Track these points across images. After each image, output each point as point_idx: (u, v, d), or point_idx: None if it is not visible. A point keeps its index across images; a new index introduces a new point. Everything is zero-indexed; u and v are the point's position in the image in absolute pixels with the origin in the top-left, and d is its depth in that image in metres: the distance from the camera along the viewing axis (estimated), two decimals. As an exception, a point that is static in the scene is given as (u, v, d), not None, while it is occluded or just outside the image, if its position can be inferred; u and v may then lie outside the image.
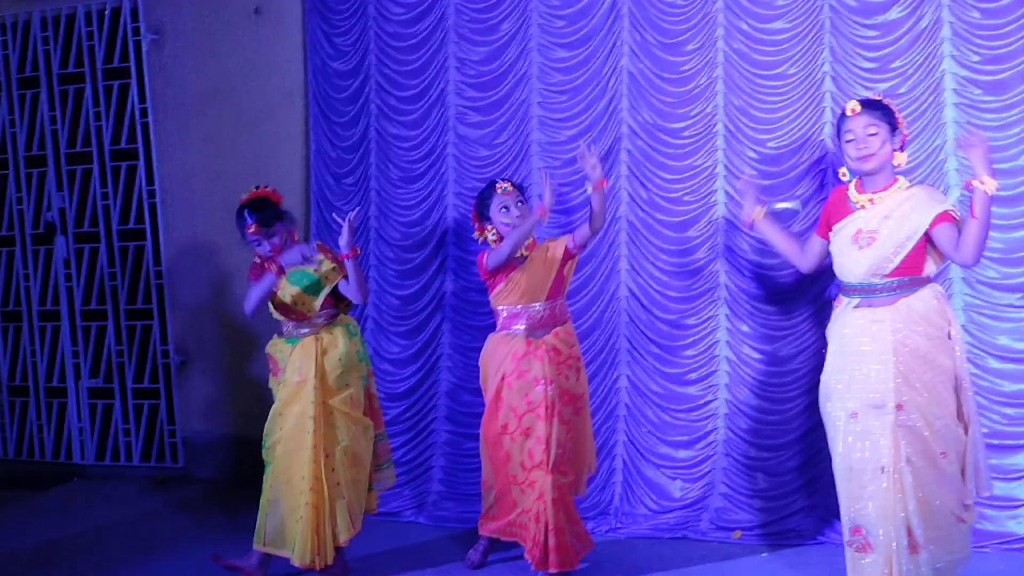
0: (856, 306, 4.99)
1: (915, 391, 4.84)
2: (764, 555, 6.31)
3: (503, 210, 6.08)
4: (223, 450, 8.41)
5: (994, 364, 6.19)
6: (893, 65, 6.35)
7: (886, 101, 5.19)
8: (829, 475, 6.30)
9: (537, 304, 6.06)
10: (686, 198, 6.87)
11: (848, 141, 5.07)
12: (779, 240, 5.59)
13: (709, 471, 6.83)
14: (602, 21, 7.06)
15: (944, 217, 4.90)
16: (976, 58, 6.18)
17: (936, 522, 4.82)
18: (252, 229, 6.11)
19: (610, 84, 7.05)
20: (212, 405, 8.52)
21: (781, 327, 6.64)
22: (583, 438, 6.26)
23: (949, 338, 4.97)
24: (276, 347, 6.24)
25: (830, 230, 5.20)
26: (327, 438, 6.03)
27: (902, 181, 5.06)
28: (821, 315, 6.49)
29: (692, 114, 6.85)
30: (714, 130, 6.80)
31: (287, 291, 6.15)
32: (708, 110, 6.81)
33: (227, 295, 8.39)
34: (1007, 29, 6.13)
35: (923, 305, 4.93)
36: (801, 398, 6.56)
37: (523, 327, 6.05)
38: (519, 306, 6.06)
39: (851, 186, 5.15)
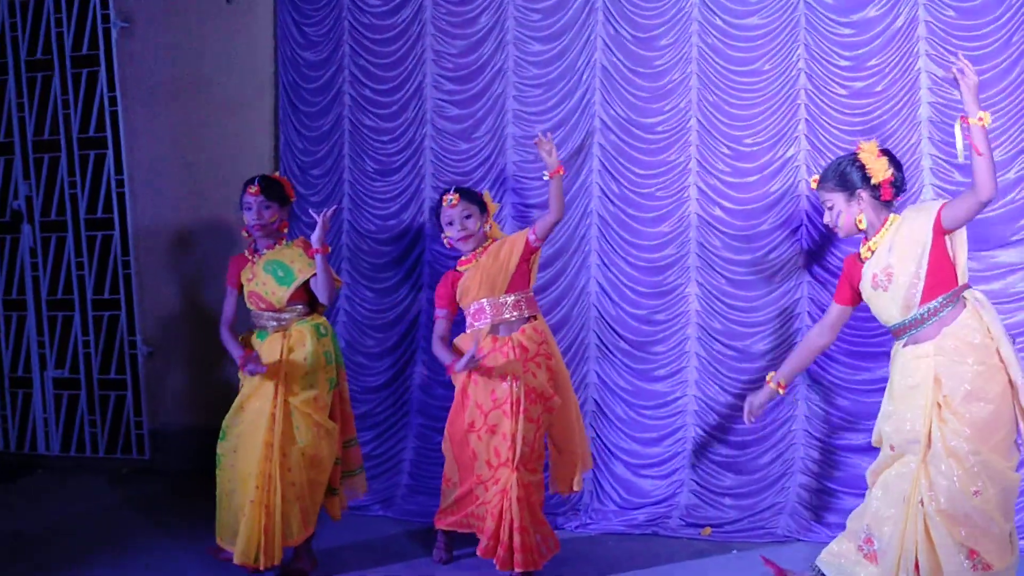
0: (904, 345, 4.86)
1: (951, 429, 4.65)
2: (734, 552, 6.30)
3: (448, 225, 6.02)
4: (190, 442, 8.33)
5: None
6: (869, 63, 6.37)
7: (858, 147, 5.00)
8: (798, 472, 6.37)
9: (498, 297, 5.97)
10: (658, 193, 6.87)
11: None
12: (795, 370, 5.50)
13: (679, 468, 6.84)
14: (577, 14, 7.06)
15: (942, 207, 4.77)
16: (952, 57, 6.18)
17: (944, 567, 4.63)
18: (253, 189, 6.05)
19: (584, 78, 7.05)
20: (179, 397, 8.46)
21: (752, 324, 6.65)
22: (570, 434, 6.21)
23: (1000, 358, 4.73)
24: (248, 341, 6.16)
25: (851, 294, 5.11)
26: (284, 437, 5.91)
27: (893, 216, 4.92)
28: (791, 313, 6.55)
29: (666, 109, 6.85)
30: (688, 126, 6.80)
31: (259, 278, 6.06)
32: (682, 105, 6.81)
33: (196, 286, 8.34)
34: (985, 31, 6.15)
35: (967, 330, 4.72)
36: (771, 395, 6.57)
37: (487, 322, 5.97)
38: (480, 301, 5.97)
39: (860, 246, 5.04)
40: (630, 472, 6.93)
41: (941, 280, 4.77)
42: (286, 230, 6.23)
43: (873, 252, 4.92)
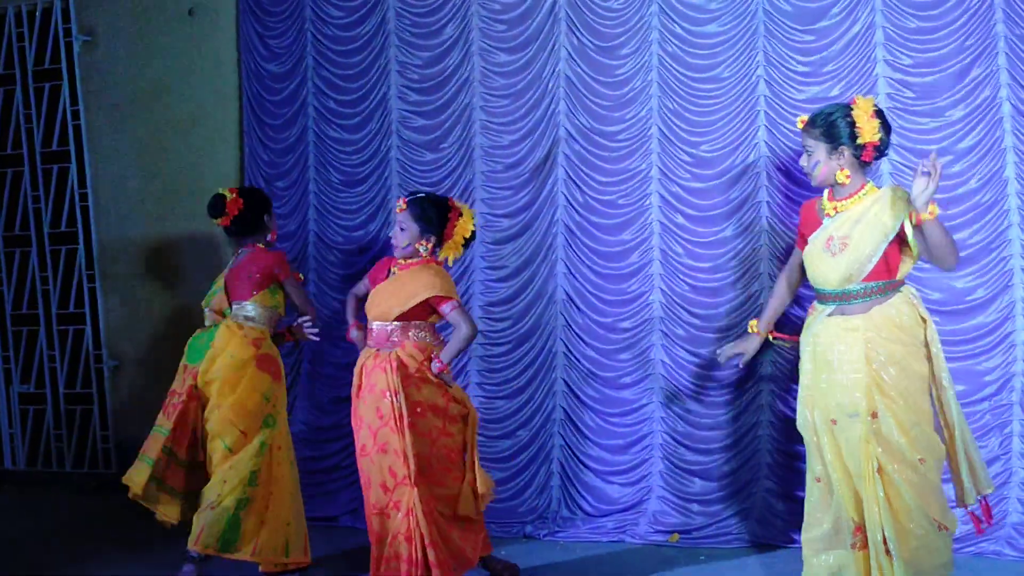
0: (830, 314, 4.93)
1: (890, 399, 4.79)
2: (702, 558, 6.31)
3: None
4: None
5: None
6: (826, 69, 6.41)
7: (854, 101, 4.98)
8: (765, 478, 6.39)
9: (385, 324, 5.75)
10: (621, 201, 6.89)
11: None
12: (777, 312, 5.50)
13: (646, 475, 6.85)
14: (541, 24, 7.09)
15: (921, 223, 4.72)
16: (908, 62, 6.25)
17: (914, 531, 4.74)
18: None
19: (549, 87, 7.07)
20: (146, 410, 8.33)
21: (716, 330, 6.66)
22: (453, 455, 5.81)
23: (925, 344, 4.91)
24: (273, 349, 6.23)
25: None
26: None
27: (870, 186, 4.95)
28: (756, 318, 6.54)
29: (627, 118, 6.88)
30: (649, 133, 6.82)
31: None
32: (643, 114, 6.84)
33: (161, 298, 8.33)
34: (939, 34, 6.21)
35: (896, 312, 4.87)
36: (737, 401, 6.59)
37: (373, 343, 5.78)
38: (373, 322, 5.79)
39: (823, 195, 5.05)
40: (599, 480, 6.94)
41: (888, 269, 4.88)
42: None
43: (837, 212, 4.94)
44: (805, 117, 5.01)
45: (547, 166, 7.08)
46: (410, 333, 5.70)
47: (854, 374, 4.81)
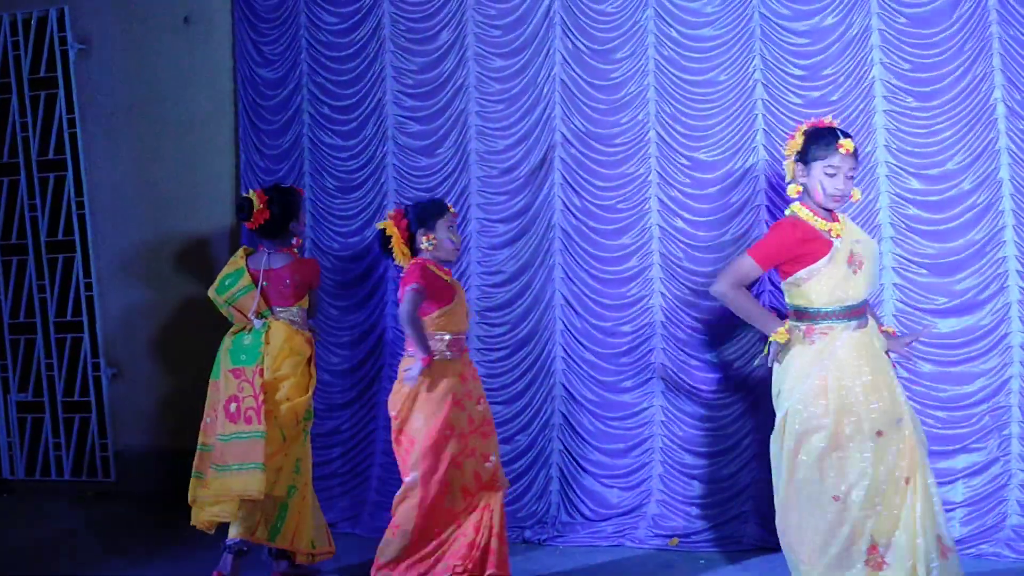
0: (855, 328, 4.91)
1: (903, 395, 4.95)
2: (702, 562, 6.32)
3: (449, 228, 5.82)
4: (155, 463, 8.32)
5: (926, 368, 6.25)
6: (824, 72, 6.42)
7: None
8: (764, 481, 6.38)
9: (463, 334, 5.88)
10: (619, 206, 6.89)
11: (831, 176, 4.89)
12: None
13: (646, 478, 6.85)
14: (536, 29, 7.09)
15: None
16: (907, 66, 6.26)
17: (949, 532, 4.87)
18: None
19: (544, 92, 7.07)
20: (144, 417, 8.43)
21: (717, 334, 6.66)
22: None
23: None
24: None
25: (788, 264, 5.01)
26: None
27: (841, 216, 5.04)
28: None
29: (623, 122, 6.88)
30: (646, 138, 6.82)
31: None
32: (640, 118, 6.84)
33: (159, 306, 8.32)
34: (937, 38, 6.22)
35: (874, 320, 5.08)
36: (737, 404, 6.61)
37: (457, 353, 5.81)
38: (457, 334, 5.80)
39: (809, 215, 4.96)
40: (598, 484, 6.94)
41: None
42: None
43: (842, 233, 4.93)
44: (851, 144, 4.90)
45: (543, 171, 7.08)
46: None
47: (894, 381, 4.91)
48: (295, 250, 6.30)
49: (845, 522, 4.79)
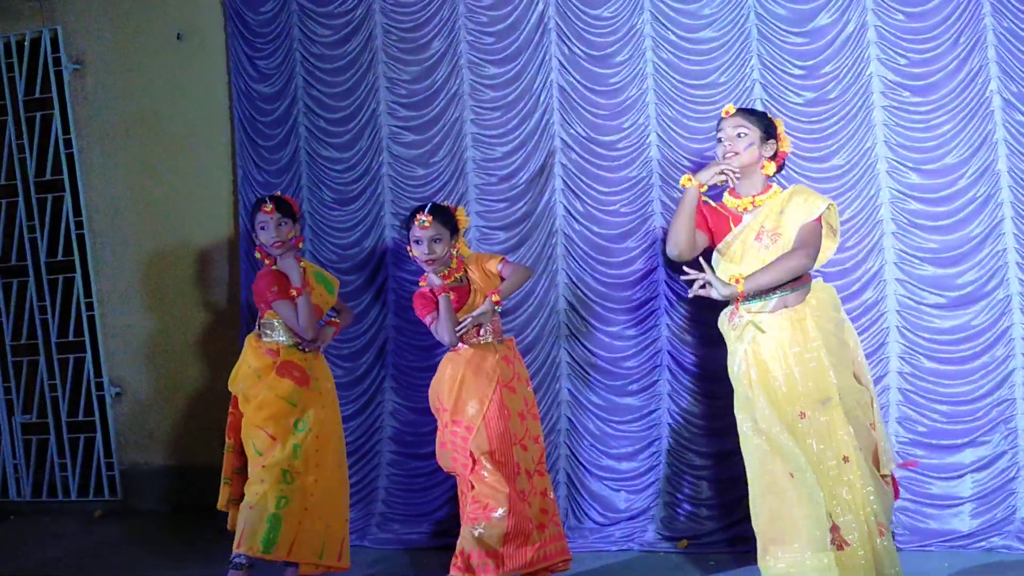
0: (772, 309, 5.01)
1: (842, 375, 4.96)
2: (712, 563, 6.32)
3: (415, 243, 5.83)
4: (162, 480, 8.32)
5: (928, 364, 6.28)
6: (823, 71, 6.42)
7: (770, 116, 5.30)
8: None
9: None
10: (623, 209, 6.90)
11: (718, 142, 5.16)
12: (690, 216, 5.16)
13: (654, 481, 6.85)
14: (530, 36, 7.08)
15: (819, 218, 5.05)
16: (904, 61, 6.27)
17: (882, 494, 4.92)
18: (268, 208, 6.08)
19: (542, 98, 7.07)
20: (149, 435, 8.42)
21: (721, 333, 6.62)
22: None
23: (844, 322, 5.21)
24: (296, 355, 6.19)
25: (713, 238, 5.23)
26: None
27: (776, 187, 5.17)
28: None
29: (625, 126, 6.88)
30: (648, 141, 6.82)
31: (316, 289, 6.26)
32: (640, 121, 6.84)
33: (161, 323, 8.31)
34: (933, 33, 6.23)
35: (826, 294, 5.14)
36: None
37: (497, 337, 5.91)
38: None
39: (725, 197, 5.23)
40: (606, 488, 6.94)
41: None
42: (301, 245, 6.35)
43: (756, 207, 5.12)
44: (732, 106, 5.21)
45: (543, 177, 7.09)
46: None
47: (816, 361, 4.93)
48: (267, 260, 6.25)
49: (791, 506, 4.90)
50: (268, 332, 6.15)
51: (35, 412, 8.76)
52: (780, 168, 5.27)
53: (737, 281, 4.92)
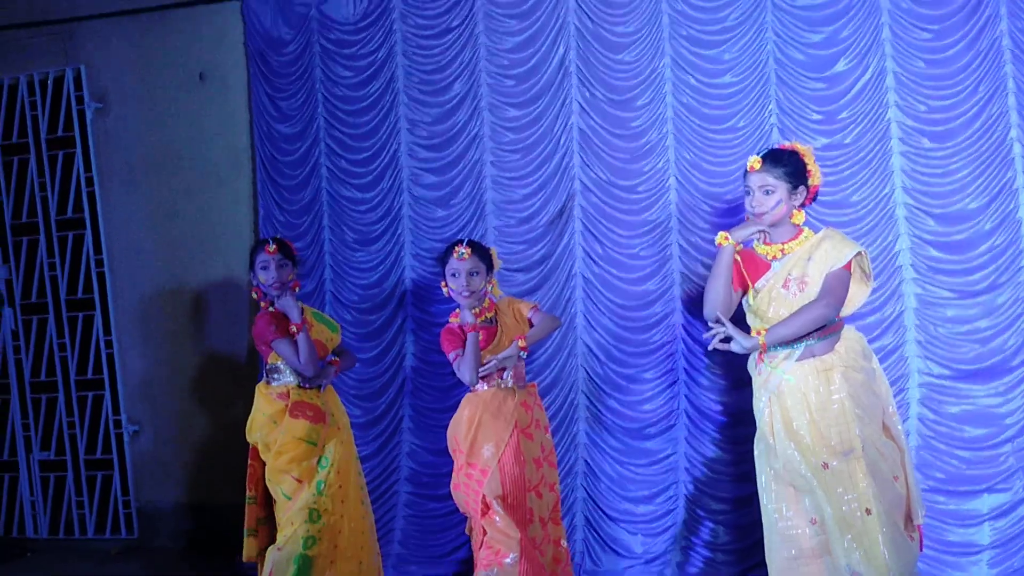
0: (799, 358, 4.96)
1: (868, 426, 4.89)
2: (728, 607, 6.31)
3: (451, 277, 5.83)
4: (178, 518, 8.32)
5: (953, 409, 6.25)
6: (840, 116, 6.45)
7: (796, 147, 5.13)
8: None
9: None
10: (642, 253, 6.91)
11: (746, 194, 5.08)
12: (726, 276, 5.15)
13: (671, 525, 6.83)
14: (551, 79, 7.12)
15: (850, 264, 4.99)
16: (923, 108, 6.28)
17: (902, 549, 4.84)
18: (271, 248, 6.09)
19: (562, 141, 7.10)
20: (166, 473, 8.43)
21: (741, 379, 6.58)
22: None
23: (874, 372, 5.11)
24: (306, 394, 6.17)
25: (743, 285, 5.18)
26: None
27: (807, 231, 5.07)
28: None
29: (645, 169, 6.90)
30: (667, 184, 6.84)
31: (316, 327, 6.24)
32: (660, 165, 6.86)
33: (179, 362, 8.33)
34: (953, 80, 6.25)
35: (855, 343, 5.05)
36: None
37: (519, 382, 5.90)
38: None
39: (755, 243, 5.15)
40: (623, 531, 6.92)
41: None
42: (298, 289, 6.32)
43: (785, 254, 5.04)
44: (759, 157, 5.03)
45: (563, 219, 7.11)
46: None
47: (840, 411, 4.87)
48: (263, 303, 6.27)
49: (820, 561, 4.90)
50: (276, 376, 6.16)
51: (53, 449, 8.77)
52: (814, 199, 5.18)
53: (759, 333, 4.92)
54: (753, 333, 4.95)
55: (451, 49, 7.38)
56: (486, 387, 5.77)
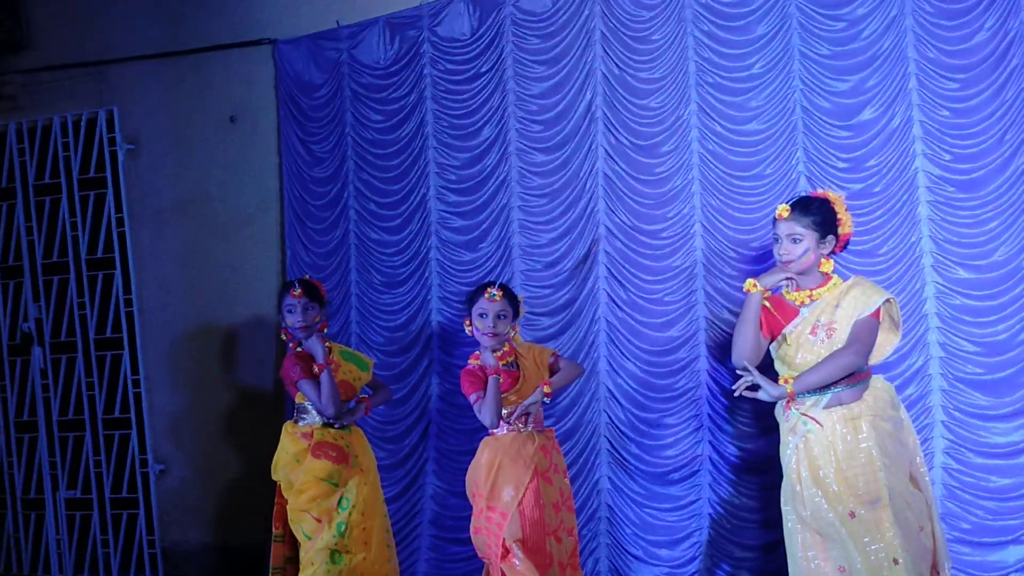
0: (827, 405, 4.97)
1: (895, 476, 4.87)
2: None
3: (479, 317, 5.86)
4: (204, 559, 8.33)
5: (977, 460, 6.20)
6: (867, 164, 6.42)
7: (828, 195, 5.20)
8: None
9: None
10: (667, 298, 6.90)
11: (774, 241, 5.12)
12: (755, 322, 5.17)
13: (694, 572, 6.80)
14: (578, 124, 7.14)
15: (879, 311, 4.99)
16: (948, 157, 6.25)
17: None
18: (296, 292, 6.16)
19: (587, 186, 7.12)
20: (191, 514, 8.45)
21: (766, 426, 6.58)
22: None
23: (902, 422, 5.11)
24: (329, 434, 6.20)
25: (772, 332, 5.19)
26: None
27: (836, 279, 5.10)
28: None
29: (670, 215, 6.90)
30: (692, 231, 6.83)
31: (344, 367, 6.30)
32: (686, 211, 6.85)
33: (207, 403, 8.37)
34: (977, 128, 6.22)
35: (884, 392, 5.06)
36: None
37: (538, 426, 5.92)
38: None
39: (783, 290, 5.17)
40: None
41: None
42: (325, 330, 6.38)
43: (813, 300, 5.06)
44: (787, 207, 5.07)
45: (587, 264, 7.12)
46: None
47: (867, 460, 4.86)
48: (291, 344, 6.36)
49: None
50: (303, 416, 6.22)
51: (79, 488, 8.80)
52: (844, 247, 5.22)
53: (786, 382, 4.93)
54: (781, 381, 4.97)
55: (480, 94, 7.43)
56: (505, 430, 5.80)
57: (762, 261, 6.56)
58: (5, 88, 8.86)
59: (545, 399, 5.84)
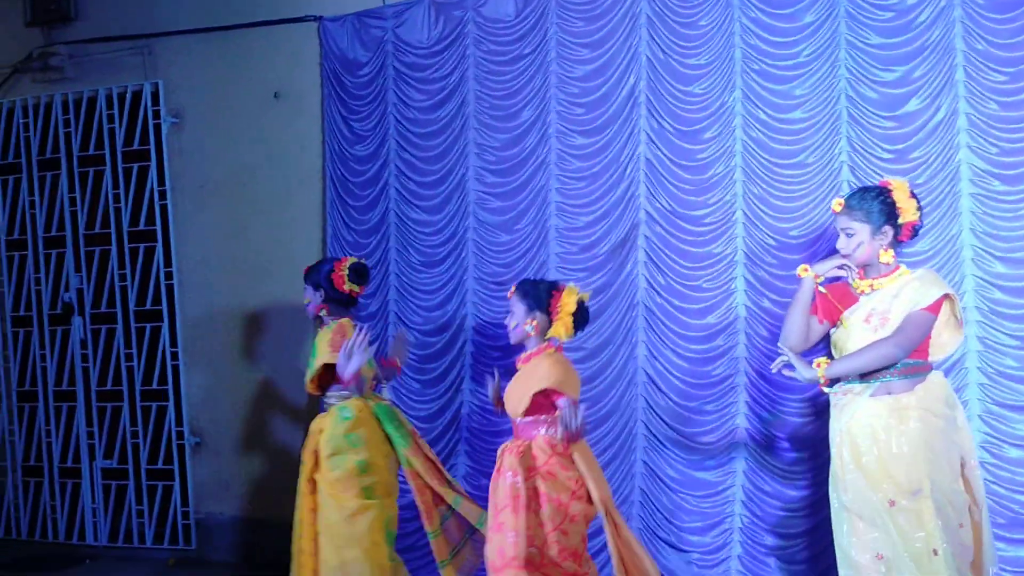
0: (873, 394, 4.99)
1: (939, 471, 4.88)
2: (782, 644, 6.27)
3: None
4: (237, 532, 8.40)
5: (1013, 453, 6.16)
6: (911, 156, 6.38)
7: (889, 184, 5.22)
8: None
9: (516, 419, 5.77)
10: (705, 285, 6.88)
11: (837, 234, 5.20)
12: (804, 307, 5.28)
13: (725, 558, 6.81)
14: (620, 109, 7.13)
15: (936, 306, 5.01)
16: (994, 150, 6.20)
17: None
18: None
19: (627, 171, 7.11)
20: (226, 486, 8.51)
21: (802, 413, 6.60)
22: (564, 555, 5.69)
23: (956, 420, 5.09)
24: (356, 403, 6.33)
25: (830, 317, 5.24)
26: (314, 515, 6.23)
27: (904, 269, 5.14)
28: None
29: (711, 202, 6.88)
30: (733, 218, 6.81)
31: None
32: (727, 198, 6.83)
33: (243, 377, 8.43)
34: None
35: (939, 388, 5.07)
36: (821, 486, 6.53)
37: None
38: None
39: (852, 279, 5.24)
40: (679, 562, 6.90)
41: (920, 349, 5.08)
42: (322, 313, 6.50)
43: (874, 290, 5.12)
44: (841, 200, 5.16)
45: (626, 248, 7.11)
46: (541, 429, 5.70)
47: (911, 450, 4.89)
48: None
49: None
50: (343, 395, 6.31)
51: (116, 458, 8.89)
52: (912, 236, 5.24)
53: (818, 366, 4.94)
54: (815, 365, 4.99)
55: (523, 76, 7.43)
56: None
57: (803, 250, 6.58)
58: (52, 59, 8.92)
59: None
